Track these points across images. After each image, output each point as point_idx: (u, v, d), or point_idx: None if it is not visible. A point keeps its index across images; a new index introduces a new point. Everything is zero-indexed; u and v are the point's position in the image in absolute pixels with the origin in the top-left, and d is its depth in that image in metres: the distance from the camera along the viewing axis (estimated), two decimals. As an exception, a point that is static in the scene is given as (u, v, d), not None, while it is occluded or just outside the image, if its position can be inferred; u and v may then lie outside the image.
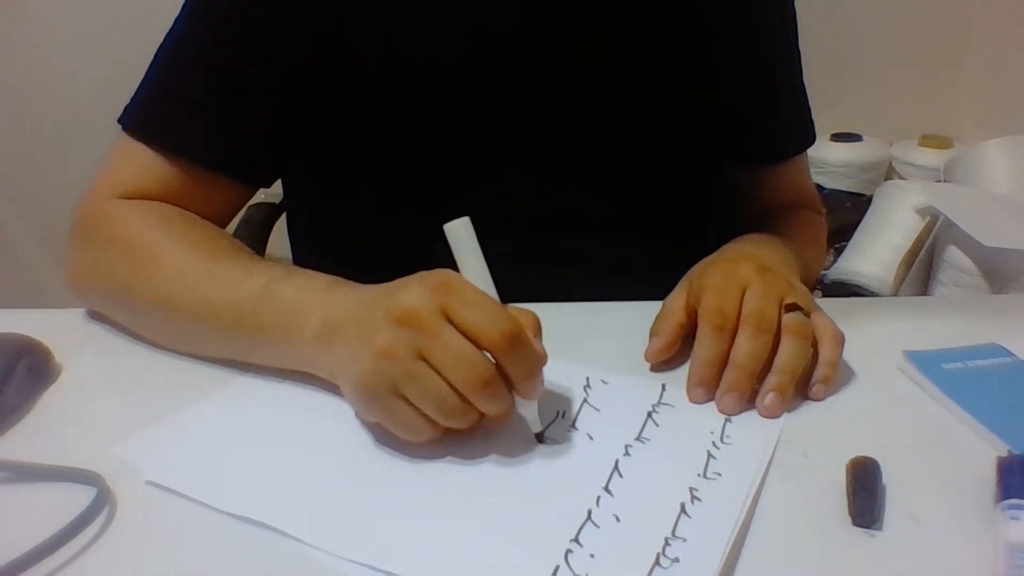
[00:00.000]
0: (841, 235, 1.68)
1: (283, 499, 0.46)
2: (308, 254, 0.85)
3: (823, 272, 1.60)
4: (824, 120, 0.86)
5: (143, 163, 0.64)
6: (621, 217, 0.75)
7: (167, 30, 0.66)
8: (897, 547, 0.43)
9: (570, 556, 0.42)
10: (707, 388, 0.55)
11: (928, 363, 0.58)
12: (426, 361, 0.45)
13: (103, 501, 0.44)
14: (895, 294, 1.52)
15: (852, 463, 0.48)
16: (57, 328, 0.61)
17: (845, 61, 1.75)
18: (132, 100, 0.66)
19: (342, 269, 0.79)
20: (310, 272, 0.57)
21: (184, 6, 0.66)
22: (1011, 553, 0.41)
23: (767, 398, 0.54)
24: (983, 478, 0.47)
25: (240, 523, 0.44)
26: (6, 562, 0.40)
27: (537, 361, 0.48)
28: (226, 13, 0.64)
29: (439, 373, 0.45)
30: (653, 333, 0.60)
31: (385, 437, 0.50)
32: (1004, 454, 0.47)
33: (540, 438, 0.51)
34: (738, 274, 0.58)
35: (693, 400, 0.55)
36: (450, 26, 0.66)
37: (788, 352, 0.55)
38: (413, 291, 0.47)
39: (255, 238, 0.98)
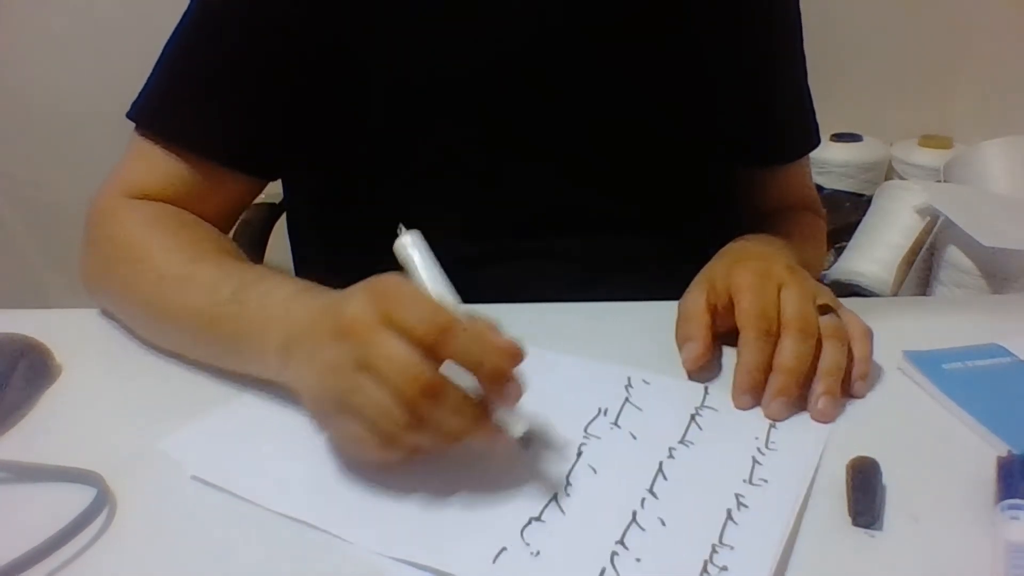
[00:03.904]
0: (841, 235, 1.68)
1: (327, 497, 0.45)
2: (308, 254, 0.85)
3: (823, 272, 1.60)
4: (824, 120, 0.85)
5: (153, 160, 0.65)
6: (623, 217, 0.74)
7: (170, 29, 0.66)
8: (897, 547, 0.43)
9: (616, 559, 0.41)
10: (755, 395, 0.54)
11: (928, 363, 0.58)
12: (369, 372, 0.43)
13: (103, 501, 0.44)
14: (895, 294, 1.52)
15: (852, 463, 0.48)
16: (57, 328, 0.61)
17: (845, 61, 1.75)
18: (141, 95, 0.66)
19: (342, 269, 0.79)
20: (279, 278, 0.55)
21: (192, 3, 0.66)
22: (1011, 553, 0.41)
23: (819, 402, 0.53)
24: (983, 478, 0.47)
25: (240, 522, 0.44)
26: (6, 562, 0.40)
27: (491, 347, 0.43)
28: (234, 11, 0.64)
29: (381, 382, 0.42)
30: (685, 339, 0.58)
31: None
32: (1004, 454, 0.47)
33: (525, 443, 0.46)
34: (771, 273, 0.58)
35: (739, 407, 0.54)
36: (458, 38, 0.66)
37: (832, 355, 0.55)
38: (355, 300, 0.45)
39: (255, 238, 0.98)
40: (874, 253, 1.59)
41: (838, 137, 1.84)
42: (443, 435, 0.44)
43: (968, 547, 0.43)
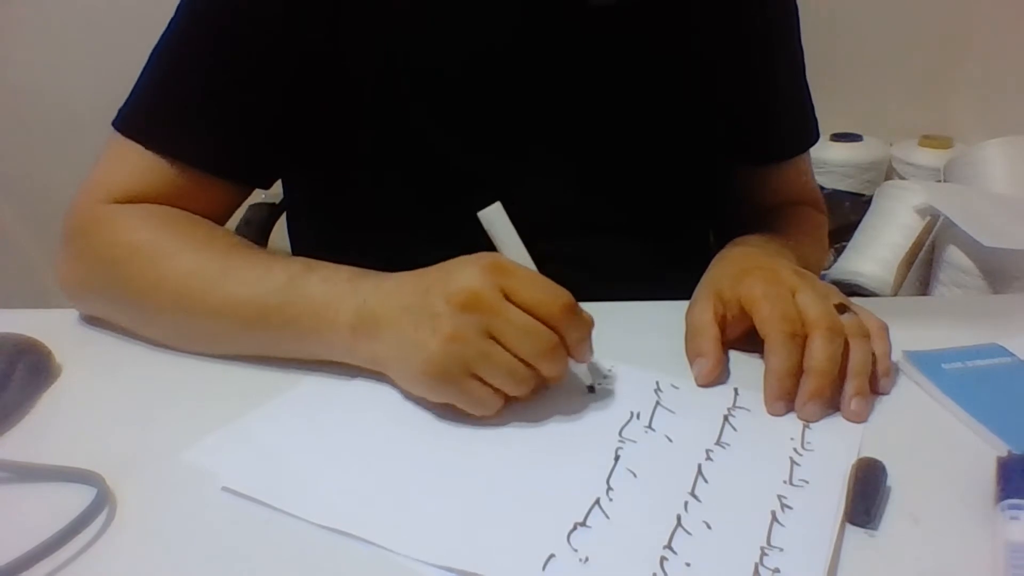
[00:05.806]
0: (841, 235, 1.68)
1: (367, 505, 0.45)
2: (308, 253, 0.84)
3: (823, 272, 1.60)
4: (824, 120, 0.85)
5: (138, 166, 0.63)
6: (621, 218, 0.74)
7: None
8: (897, 547, 0.43)
9: (665, 564, 0.41)
10: (788, 400, 0.54)
11: (928, 363, 0.58)
12: (494, 339, 0.49)
13: (103, 501, 0.44)
14: (895, 294, 1.52)
15: (858, 463, 0.48)
16: (57, 328, 0.61)
17: (845, 61, 1.75)
18: (126, 103, 0.65)
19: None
20: (330, 264, 0.58)
21: (178, 9, 0.65)
22: (1011, 553, 0.41)
23: (852, 403, 0.54)
24: (983, 478, 0.47)
25: (239, 523, 0.44)
26: (6, 562, 0.40)
27: (588, 326, 0.53)
28: (222, 18, 0.63)
29: (507, 348, 0.49)
30: (696, 354, 0.58)
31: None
32: (1004, 454, 0.47)
33: (592, 389, 0.55)
34: (781, 279, 0.58)
35: (774, 413, 0.54)
36: (447, 39, 0.66)
37: (860, 354, 0.55)
38: (469, 274, 0.50)
39: (255, 238, 0.98)
40: (874, 253, 1.59)
41: (838, 137, 1.84)
42: (547, 383, 0.53)
43: (968, 547, 0.43)
